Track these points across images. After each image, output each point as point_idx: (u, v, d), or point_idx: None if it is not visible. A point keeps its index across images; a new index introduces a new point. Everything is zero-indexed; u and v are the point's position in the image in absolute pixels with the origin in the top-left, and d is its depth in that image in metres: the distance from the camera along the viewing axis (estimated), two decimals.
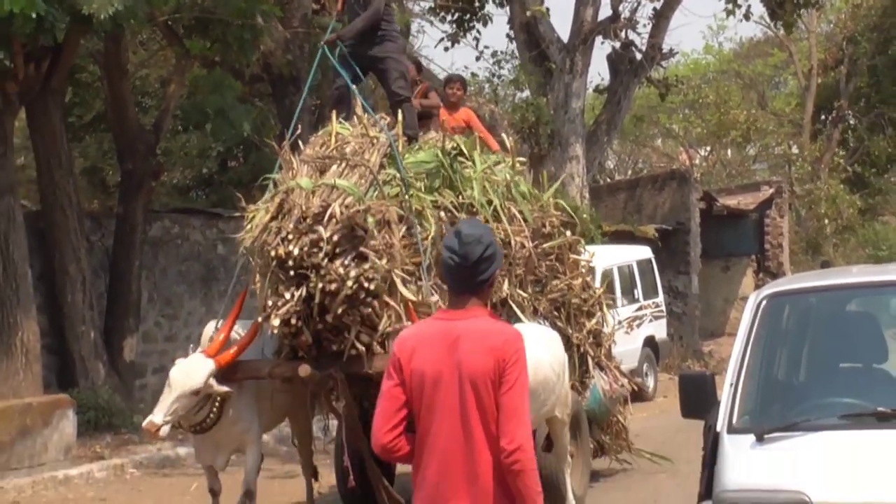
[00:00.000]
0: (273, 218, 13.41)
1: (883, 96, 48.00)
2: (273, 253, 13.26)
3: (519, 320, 14.54)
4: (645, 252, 29.54)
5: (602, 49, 35.14)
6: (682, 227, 35.94)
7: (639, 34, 35.51)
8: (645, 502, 16.92)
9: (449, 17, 36.35)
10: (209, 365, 13.10)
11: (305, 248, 13.03)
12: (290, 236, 13.10)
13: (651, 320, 28.33)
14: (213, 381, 13.08)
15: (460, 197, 14.86)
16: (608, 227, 33.22)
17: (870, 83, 48.48)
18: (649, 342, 28.04)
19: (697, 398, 8.27)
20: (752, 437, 7.86)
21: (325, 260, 12.98)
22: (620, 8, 34.82)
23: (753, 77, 56.65)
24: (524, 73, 36.28)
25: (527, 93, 35.87)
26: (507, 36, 36.83)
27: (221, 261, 29.19)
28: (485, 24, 36.72)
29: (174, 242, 28.81)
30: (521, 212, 15.68)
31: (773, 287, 9.41)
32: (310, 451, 15.87)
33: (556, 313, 16.07)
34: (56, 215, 24.77)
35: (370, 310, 13.23)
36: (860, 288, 9.28)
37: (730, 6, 37.42)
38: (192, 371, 13.00)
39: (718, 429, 8.02)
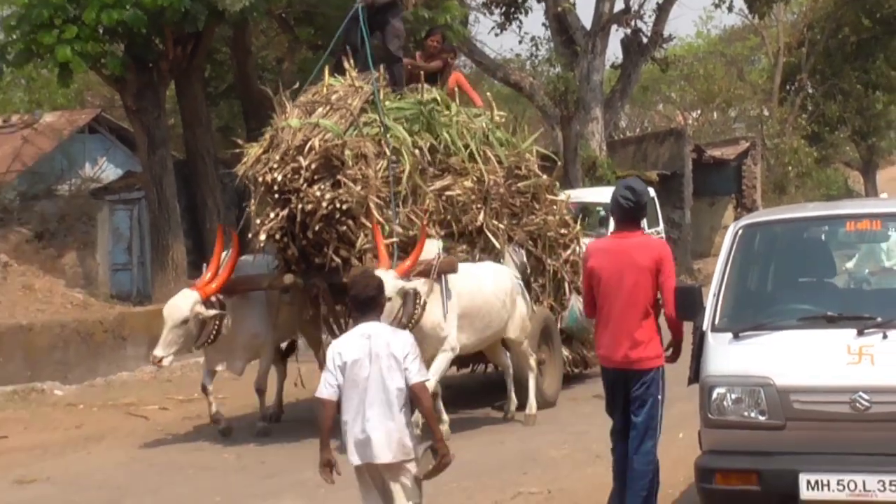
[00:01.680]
0: (265, 151, 13.24)
1: (834, 70, 48.21)
2: (261, 179, 13.17)
3: (493, 247, 14.50)
4: (650, 190, 29.27)
5: (616, 34, 35.17)
6: (678, 173, 35.66)
7: (645, 23, 35.38)
8: None
9: (497, 10, 35.92)
10: (193, 296, 12.77)
11: (288, 175, 12.89)
12: (276, 165, 12.98)
13: None
14: (200, 308, 12.72)
15: (438, 140, 14.28)
16: (620, 172, 32.84)
17: (824, 61, 48.15)
18: None
19: (688, 305, 8.24)
20: (729, 335, 7.93)
21: (305, 185, 12.81)
22: (631, 2, 34.59)
23: (734, 56, 56.43)
24: (556, 54, 36.11)
25: (558, 68, 35.45)
26: (543, 24, 36.70)
27: None
28: (525, 15, 36.46)
29: None
30: (496, 155, 15.12)
31: (746, 219, 9.40)
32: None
33: (531, 243, 15.48)
34: (197, 163, 25.75)
35: (345, 228, 13.03)
36: (814, 220, 9.23)
37: (716, 1, 37.11)
38: (178, 305, 12.70)
39: (704, 328, 8.05)
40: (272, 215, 13.15)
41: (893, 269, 9.21)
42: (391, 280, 11.39)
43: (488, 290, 13.33)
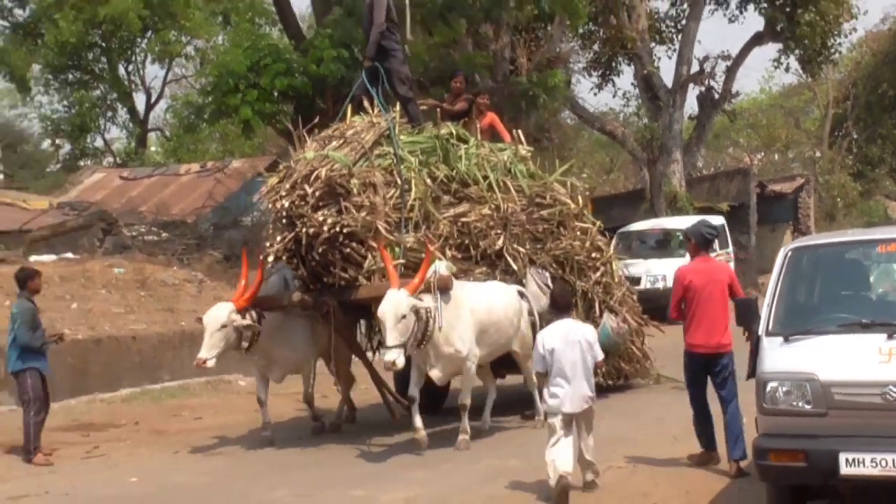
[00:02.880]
0: (279, 181, 12.25)
1: (874, 119, 47.53)
2: (272, 206, 12.30)
3: (512, 270, 13.07)
4: (720, 220, 28.83)
5: (693, 92, 34.76)
6: (745, 204, 35.18)
7: (716, 82, 35.11)
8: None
9: (595, 73, 35.87)
10: (229, 307, 11.86)
11: (295, 202, 11.83)
12: (285, 193, 11.96)
13: (725, 262, 27.67)
14: (235, 317, 11.78)
15: (454, 171, 12.95)
16: (697, 203, 32.66)
17: (866, 111, 47.57)
18: None
19: (746, 314, 8.25)
20: (781, 339, 7.90)
21: (309, 210, 11.73)
22: (705, 65, 34.25)
23: (791, 108, 55.80)
24: (643, 108, 35.99)
25: (645, 120, 35.36)
26: (632, 84, 36.66)
27: None
28: (618, 76, 36.49)
29: None
30: (518, 185, 13.74)
31: (794, 243, 9.33)
32: (347, 372, 13.75)
33: (556, 266, 13.88)
34: None
35: (349, 250, 11.86)
36: (851, 244, 9.12)
37: (776, 63, 36.77)
38: (216, 314, 11.81)
39: (760, 333, 7.99)
40: (279, 238, 12.26)
41: None
42: (405, 299, 10.62)
43: (500, 307, 12.14)
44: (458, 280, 11.89)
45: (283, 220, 12.14)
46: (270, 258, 12.29)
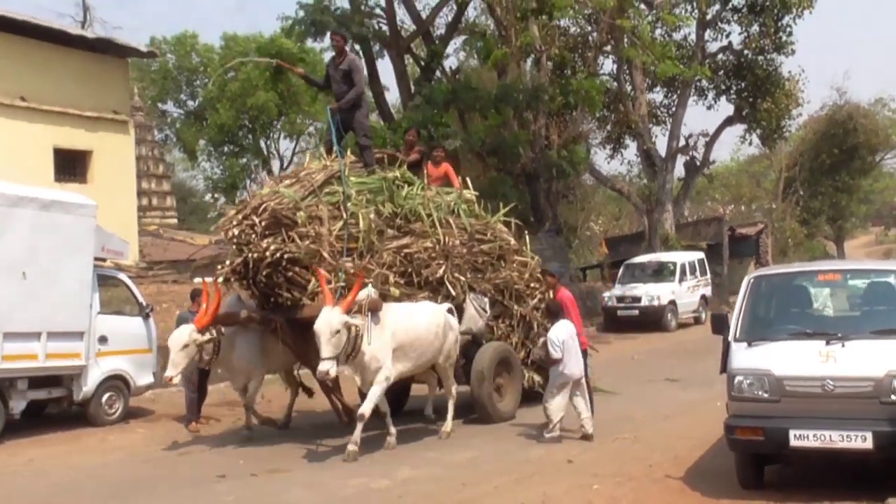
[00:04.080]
0: (236, 213, 10.86)
1: (816, 181, 47.98)
2: (224, 234, 11.03)
3: (448, 295, 11.38)
4: (701, 254, 28.58)
5: (680, 160, 34.47)
6: (719, 243, 34.80)
7: (698, 153, 34.76)
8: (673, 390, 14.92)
9: (608, 147, 36.04)
10: (189, 328, 10.37)
11: (244, 231, 10.52)
12: (235, 223, 10.65)
13: (704, 287, 27.37)
14: (196, 336, 10.33)
15: (400, 209, 11.44)
16: (683, 242, 32.35)
17: (810, 175, 47.98)
18: (703, 297, 26.97)
19: (720, 325, 8.15)
20: (745, 344, 7.85)
21: (255, 238, 10.44)
22: (689, 141, 34.13)
23: (754, 172, 55.82)
24: (644, 172, 35.78)
25: (645, 181, 35.30)
26: (636, 154, 36.76)
27: None
28: (625, 149, 36.46)
29: None
30: (461, 223, 12.10)
31: (756, 272, 9.19)
32: (293, 379, 12.24)
33: (496, 293, 12.20)
34: None
35: (292, 274, 10.49)
36: (798, 274, 9.01)
37: (742, 139, 37.07)
38: (178, 336, 10.31)
39: (729, 339, 7.89)
40: (227, 262, 10.92)
41: (849, 306, 8.95)
42: (338, 315, 9.25)
43: (422, 326, 10.39)
44: (390, 302, 10.44)
45: (234, 247, 10.84)
46: (220, 279, 10.90)
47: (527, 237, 13.40)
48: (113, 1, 79.20)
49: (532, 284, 12.73)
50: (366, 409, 9.76)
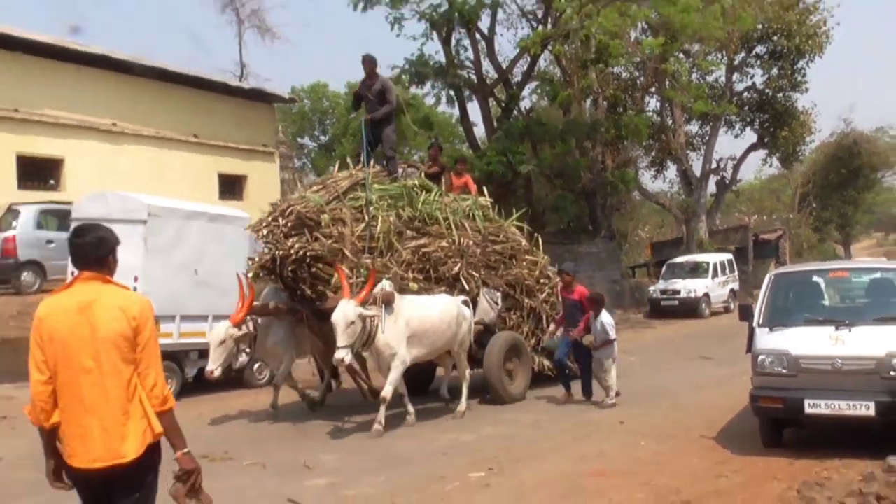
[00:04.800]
0: (267, 216, 9.94)
1: (826, 195, 45.96)
2: (254, 234, 10.14)
3: (463, 290, 10.44)
4: (730, 256, 27.84)
5: (712, 179, 33.66)
6: (745, 247, 33.90)
7: (727, 173, 34.02)
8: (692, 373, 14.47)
9: (654, 169, 35.45)
10: (226, 324, 9.38)
11: (272, 231, 9.67)
12: (265, 224, 9.81)
13: (732, 282, 26.67)
14: (232, 331, 9.33)
15: (419, 213, 10.52)
16: (715, 246, 31.59)
17: (821, 190, 46.28)
18: (732, 290, 26.33)
19: (746, 313, 7.90)
20: (767, 329, 7.61)
21: (282, 237, 9.55)
22: (720, 163, 33.41)
23: (773, 188, 54.08)
24: (682, 189, 35.00)
25: (683, 196, 34.58)
26: (675, 175, 35.77)
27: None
28: (667, 170, 35.84)
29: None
30: (476, 226, 11.18)
31: (776, 270, 8.95)
32: (328, 363, 10.48)
33: (508, 288, 11.14)
34: None
35: (315, 269, 9.53)
36: (812, 272, 8.67)
37: (764, 161, 36.18)
38: (216, 332, 9.34)
39: (754, 325, 7.65)
40: (256, 259, 9.97)
41: (855, 298, 8.56)
42: (353, 308, 8.28)
43: (435, 316, 9.37)
44: (407, 294, 9.46)
45: (264, 245, 9.96)
46: (250, 274, 9.87)
47: (539, 239, 12.29)
48: (263, 58, 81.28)
49: (542, 280, 11.70)
50: (387, 392, 8.84)
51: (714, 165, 33.34)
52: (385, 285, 9.11)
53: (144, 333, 3.43)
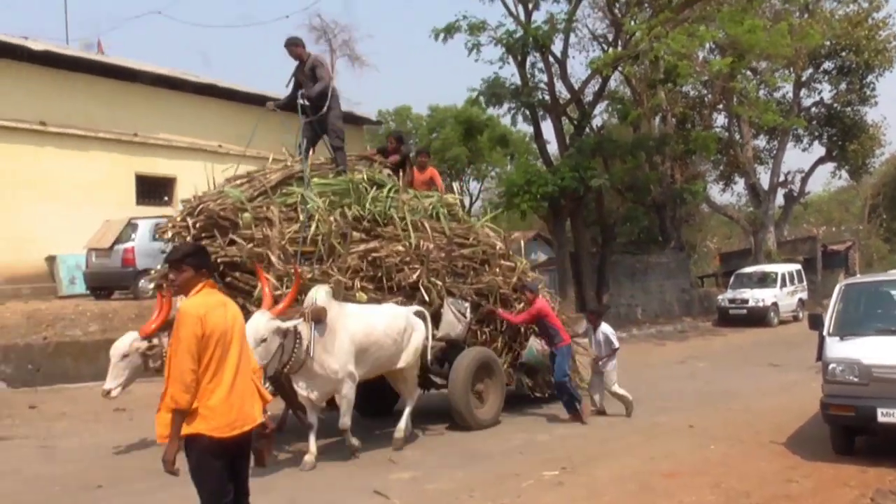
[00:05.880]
0: (178, 216, 8.04)
1: None
2: (159, 237, 8.31)
3: (424, 301, 8.50)
4: (798, 266, 26.82)
5: (780, 191, 32.39)
6: (814, 257, 32.53)
7: (795, 186, 32.86)
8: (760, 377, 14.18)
9: (721, 183, 34.40)
10: (131, 335, 7.66)
11: (178, 234, 7.75)
12: (171, 225, 7.93)
13: (801, 292, 25.63)
14: (139, 344, 7.57)
15: (368, 212, 8.47)
16: (783, 256, 30.41)
17: (890, 201, 43.85)
18: (800, 300, 25.33)
19: (815, 322, 7.55)
20: (838, 338, 7.29)
21: (189, 241, 7.41)
22: (788, 177, 32.32)
23: (842, 200, 51.87)
24: (750, 200, 33.82)
25: (751, 208, 33.41)
26: (744, 188, 34.47)
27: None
28: (735, 184, 34.58)
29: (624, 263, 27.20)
30: (440, 227, 9.17)
31: (846, 280, 8.56)
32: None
33: (479, 298, 9.21)
34: (580, 253, 23.58)
35: (231, 279, 7.54)
36: (882, 282, 8.22)
37: (833, 174, 34.74)
38: (119, 344, 7.60)
39: (824, 334, 7.31)
40: (158, 267, 8.15)
41: None
42: (266, 321, 6.39)
43: (380, 330, 7.51)
44: (348, 304, 7.59)
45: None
46: (150, 285, 8.13)
47: (521, 245, 10.60)
48: (353, 84, 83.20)
49: (520, 289, 9.70)
50: (345, 422, 7.32)
51: (782, 178, 32.14)
52: (319, 296, 7.17)
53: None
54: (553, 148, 25.64)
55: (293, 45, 9.22)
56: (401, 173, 9.78)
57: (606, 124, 29.21)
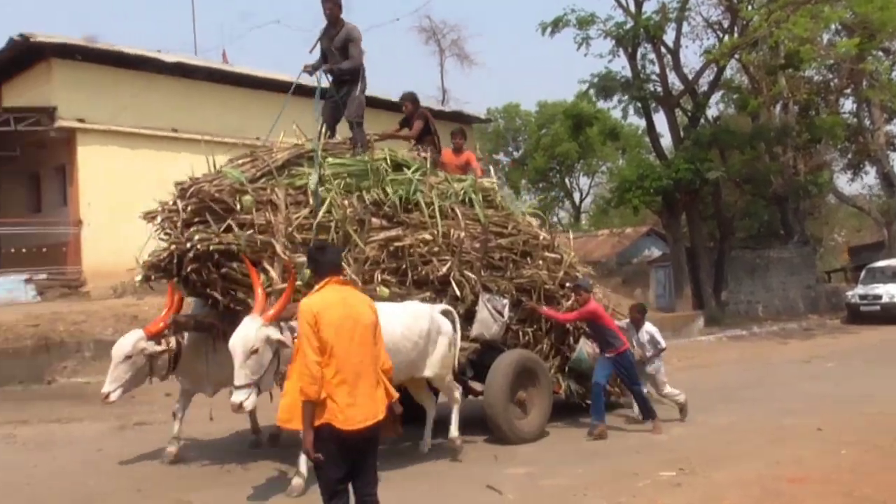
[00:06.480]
0: (172, 199, 6.97)
1: None
2: (149, 223, 7.00)
3: (455, 297, 7.52)
4: None
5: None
6: None
7: None
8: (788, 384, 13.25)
9: (850, 172, 32.28)
10: (136, 334, 6.68)
11: (168, 219, 6.77)
12: (160, 209, 6.89)
13: None
14: (145, 345, 6.61)
15: (389, 196, 7.39)
16: None
17: None
18: None
19: None
20: None
21: (181, 226, 6.62)
22: None
23: None
24: (883, 190, 31.74)
25: (885, 198, 31.13)
26: (875, 177, 32.22)
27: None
28: (865, 173, 32.44)
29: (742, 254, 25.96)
30: (474, 214, 8.08)
31: None
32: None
33: (520, 294, 8.21)
34: (696, 248, 23.00)
35: (228, 270, 6.51)
36: None
37: None
38: (122, 343, 6.61)
39: None
40: (146, 256, 6.97)
41: None
42: (258, 328, 5.50)
43: (397, 332, 6.30)
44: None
45: (160, 238, 6.97)
46: (138, 278, 7.02)
47: (569, 235, 10.03)
48: (461, 83, 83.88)
49: (568, 285, 8.66)
50: None
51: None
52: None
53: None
54: (666, 141, 25.07)
55: (331, 3, 8.11)
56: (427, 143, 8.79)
57: (723, 115, 28.17)
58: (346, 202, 7.13)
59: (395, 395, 4.34)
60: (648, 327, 8.81)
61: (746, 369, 13.45)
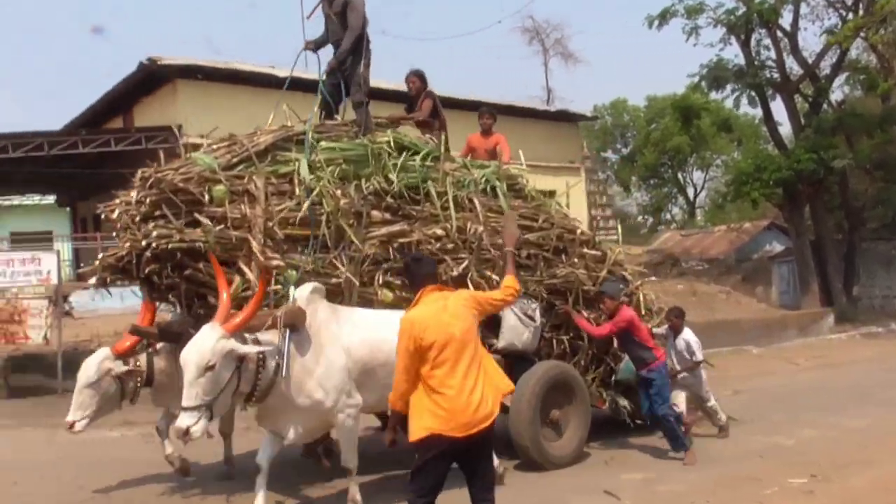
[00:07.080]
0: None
1: None
2: (105, 216, 6.10)
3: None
4: None
5: None
6: None
7: None
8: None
9: None
10: (102, 354, 5.70)
11: (126, 212, 5.84)
12: (118, 201, 5.96)
13: None
14: (111, 365, 5.61)
15: (393, 186, 6.41)
16: None
17: None
18: None
19: None
20: None
21: (139, 221, 5.72)
22: None
23: None
24: None
25: None
26: None
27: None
28: None
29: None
30: (498, 206, 7.00)
31: None
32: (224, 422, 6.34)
33: (554, 296, 7.11)
34: (822, 240, 21.78)
35: (193, 270, 5.65)
36: None
37: None
38: (86, 365, 5.61)
39: None
40: (101, 255, 6.12)
41: None
42: (212, 341, 4.57)
43: (391, 341, 4.33)
44: (342, 308, 5.57)
45: (117, 233, 6.10)
46: (91, 280, 6.13)
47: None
48: (566, 81, 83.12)
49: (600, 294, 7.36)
50: (350, 460, 5.34)
51: None
52: (300, 295, 5.30)
53: (481, 319, 4.28)
54: (785, 129, 23.88)
55: None
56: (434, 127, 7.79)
57: (848, 98, 26.41)
58: (339, 192, 6.14)
59: (509, 387, 4.25)
60: (687, 335, 7.62)
61: (882, 369, 12.65)
